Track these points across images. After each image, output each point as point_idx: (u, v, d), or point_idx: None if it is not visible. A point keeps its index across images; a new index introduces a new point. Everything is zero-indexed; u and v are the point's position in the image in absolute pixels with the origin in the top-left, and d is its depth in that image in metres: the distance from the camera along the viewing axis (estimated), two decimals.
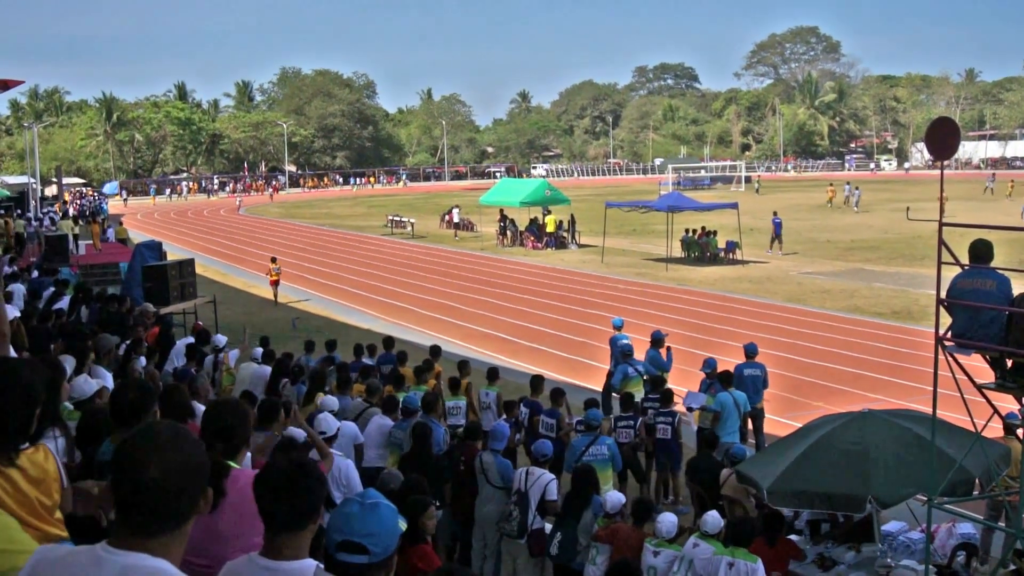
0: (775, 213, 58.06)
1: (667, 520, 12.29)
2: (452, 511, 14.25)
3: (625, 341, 23.31)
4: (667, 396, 18.87)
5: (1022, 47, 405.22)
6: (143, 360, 17.05)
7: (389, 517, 4.12)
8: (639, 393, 20.18)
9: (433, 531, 10.29)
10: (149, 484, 3.57)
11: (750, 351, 20.92)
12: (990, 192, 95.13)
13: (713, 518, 12.15)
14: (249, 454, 8.11)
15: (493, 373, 19.80)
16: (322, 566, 4.26)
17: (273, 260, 44.22)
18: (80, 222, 72.61)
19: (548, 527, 13.11)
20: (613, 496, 13.13)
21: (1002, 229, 14.28)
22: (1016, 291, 11.25)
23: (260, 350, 20.59)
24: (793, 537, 13.78)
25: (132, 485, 3.59)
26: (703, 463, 16.10)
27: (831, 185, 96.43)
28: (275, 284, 43.36)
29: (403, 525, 4.43)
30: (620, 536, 12.40)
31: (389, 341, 23.26)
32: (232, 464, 6.22)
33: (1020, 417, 13.06)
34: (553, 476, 13.51)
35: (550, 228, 64.07)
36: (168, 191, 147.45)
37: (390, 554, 4.11)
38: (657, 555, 12.16)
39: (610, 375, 23.89)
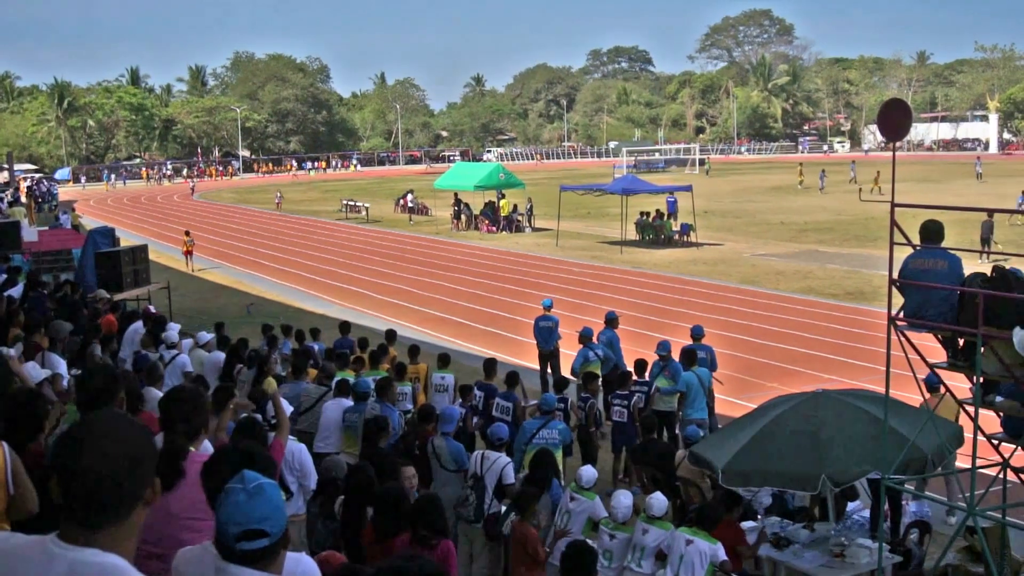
0: (671, 192, 58.43)
1: (622, 504, 12.28)
2: None
3: (548, 323, 23.55)
4: (623, 378, 18.95)
5: (973, 30, 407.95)
6: (99, 348, 16.92)
7: (275, 495, 4.10)
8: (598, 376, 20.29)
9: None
10: (86, 474, 3.51)
11: (696, 333, 21.00)
12: (978, 177, 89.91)
13: (658, 500, 12.15)
14: (207, 440, 8.05)
15: (445, 358, 19.79)
16: None
17: (187, 233, 51.26)
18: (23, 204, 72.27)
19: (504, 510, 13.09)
20: (587, 471, 13.15)
21: (953, 209, 14.41)
22: (967, 271, 11.33)
23: (209, 335, 20.41)
24: (748, 524, 13.79)
25: (70, 475, 3.53)
26: (650, 447, 16.10)
27: (801, 165, 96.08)
28: (188, 254, 49.79)
29: (284, 495, 4.43)
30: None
31: (345, 326, 23.19)
32: (191, 447, 6.20)
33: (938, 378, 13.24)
34: (509, 459, 13.49)
35: (504, 211, 64.10)
36: (147, 174, 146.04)
37: (285, 527, 4.10)
38: (613, 538, 12.17)
39: (545, 355, 23.95)
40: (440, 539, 9.54)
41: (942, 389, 14.80)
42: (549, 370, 23.73)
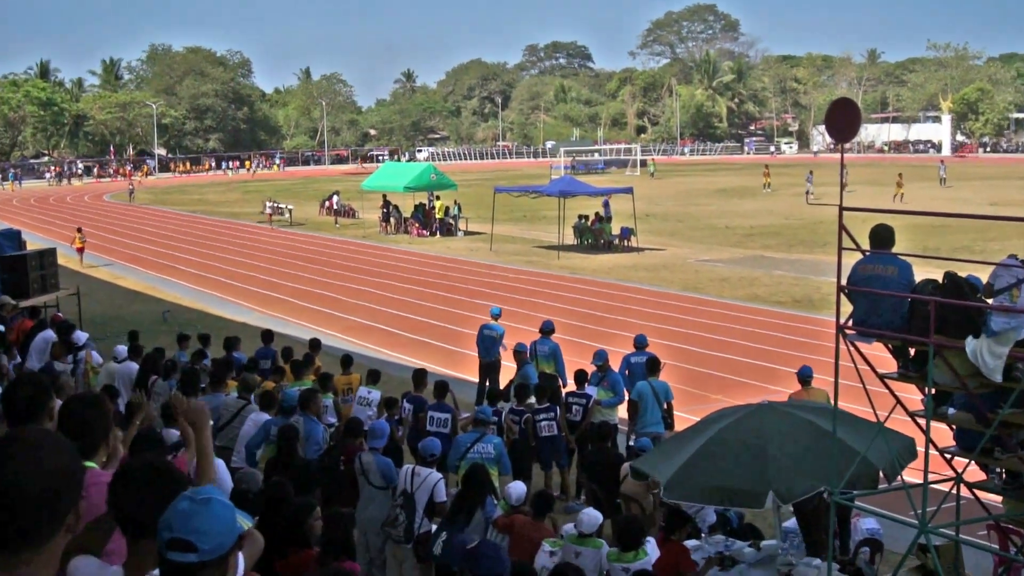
0: (607, 196, 59.28)
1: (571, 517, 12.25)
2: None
3: (493, 332, 23.46)
4: (542, 392, 18.92)
5: (926, 27, 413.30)
6: (5, 358, 16.72)
7: (222, 514, 4.00)
8: None
9: (319, 533, 10.17)
10: (4, 496, 3.45)
11: (639, 342, 21.04)
12: (941, 182, 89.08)
13: (589, 516, 12.10)
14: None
15: (375, 374, 19.67)
16: (156, 573, 4.14)
17: (79, 230, 53.90)
18: None
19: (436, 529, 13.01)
20: (516, 487, 13.14)
21: (904, 213, 14.51)
22: (918, 277, 11.39)
23: (123, 348, 20.22)
24: (692, 542, 13.78)
25: None
26: (596, 457, 16.11)
27: (767, 167, 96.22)
28: (80, 251, 52.15)
29: (245, 524, 4.32)
30: (516, 527, 12.35)
31: (268, 335, 23.02)
32: (90, 464, 6.05)
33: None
34: (441, 476, 13.38)
35: (439, 214, 63.97)
36: (63, 175, 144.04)
37: (224, 552, 3.99)
38: (553, 555, 12.14)
39: (485, 367, 23.85)
40: (346, 560, 9.54)
41: (813, 383, 16.43)
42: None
